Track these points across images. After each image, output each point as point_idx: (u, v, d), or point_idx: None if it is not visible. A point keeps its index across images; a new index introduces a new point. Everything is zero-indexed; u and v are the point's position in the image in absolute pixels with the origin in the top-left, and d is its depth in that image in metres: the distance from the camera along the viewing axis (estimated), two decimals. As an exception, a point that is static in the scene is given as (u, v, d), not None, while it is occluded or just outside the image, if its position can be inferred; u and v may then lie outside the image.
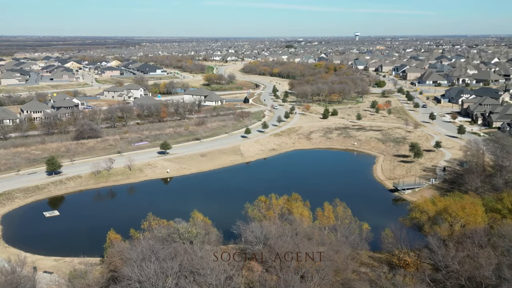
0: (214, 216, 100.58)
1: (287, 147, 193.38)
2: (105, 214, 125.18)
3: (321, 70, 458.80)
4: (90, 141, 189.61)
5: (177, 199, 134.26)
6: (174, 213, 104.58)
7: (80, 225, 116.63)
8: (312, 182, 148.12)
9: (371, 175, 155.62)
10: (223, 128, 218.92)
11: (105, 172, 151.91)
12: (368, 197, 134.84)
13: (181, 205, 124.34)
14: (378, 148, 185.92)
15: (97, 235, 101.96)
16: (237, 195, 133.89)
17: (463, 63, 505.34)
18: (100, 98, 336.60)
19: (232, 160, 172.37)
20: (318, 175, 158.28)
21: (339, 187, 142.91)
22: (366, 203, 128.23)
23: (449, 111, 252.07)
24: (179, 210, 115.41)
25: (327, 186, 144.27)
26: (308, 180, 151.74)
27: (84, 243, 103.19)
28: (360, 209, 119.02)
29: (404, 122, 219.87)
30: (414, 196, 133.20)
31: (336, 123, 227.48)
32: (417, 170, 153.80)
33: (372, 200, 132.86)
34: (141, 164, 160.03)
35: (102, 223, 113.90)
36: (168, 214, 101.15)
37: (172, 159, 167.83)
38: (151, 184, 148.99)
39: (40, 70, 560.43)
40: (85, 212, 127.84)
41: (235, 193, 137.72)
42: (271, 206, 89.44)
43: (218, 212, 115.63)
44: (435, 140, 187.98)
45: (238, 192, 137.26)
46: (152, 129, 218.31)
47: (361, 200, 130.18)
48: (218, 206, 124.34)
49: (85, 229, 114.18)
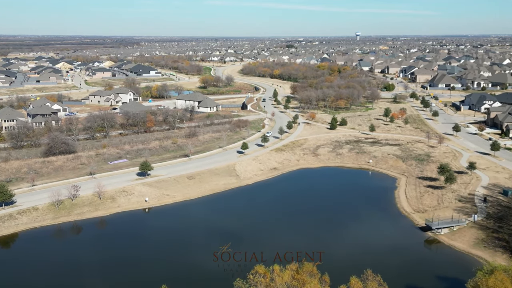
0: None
1: (291, 165, 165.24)
2: (48, 271, 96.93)
3: (324, 72, 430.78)
4: (59, 159, 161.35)
5: (145, 254, 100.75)
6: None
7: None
8: (322, 217, 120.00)
9: (395, 205, 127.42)
10: (217, 141, 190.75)
11: (68, 202, 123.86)
12: (397, 242, 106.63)
13: (147, 269, 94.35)
14: (398, 168, 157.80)
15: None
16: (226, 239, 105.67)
17: (474, 65, 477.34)
18: (85, 103, 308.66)
19: (226, 184, 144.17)
20: (329, 206, 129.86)
21: (358, 225, 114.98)
22: (396, 251, 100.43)
23: (472, 120, 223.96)
24: (142, 277, 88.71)
25: (343, 225, 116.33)
26: (317, 213, 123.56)
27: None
28: (391, 264, 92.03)
29: (425, 134, 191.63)
30: (453, 238, 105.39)
31: (346, 135, 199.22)
32: (450, 199, 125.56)
33: (403, 246, 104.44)
34: (114, 191, 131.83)
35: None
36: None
37: (153, 183, 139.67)
38: (122, 218, 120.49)
39: (28, 71, 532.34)
40: (20, 268, 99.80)
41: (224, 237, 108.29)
42: (273, 283, 61.11)
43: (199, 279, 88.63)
44: (465, 158, 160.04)
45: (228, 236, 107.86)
46: (136, 141, 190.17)
47: (388, 246, 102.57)
48: (199, 268, 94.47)
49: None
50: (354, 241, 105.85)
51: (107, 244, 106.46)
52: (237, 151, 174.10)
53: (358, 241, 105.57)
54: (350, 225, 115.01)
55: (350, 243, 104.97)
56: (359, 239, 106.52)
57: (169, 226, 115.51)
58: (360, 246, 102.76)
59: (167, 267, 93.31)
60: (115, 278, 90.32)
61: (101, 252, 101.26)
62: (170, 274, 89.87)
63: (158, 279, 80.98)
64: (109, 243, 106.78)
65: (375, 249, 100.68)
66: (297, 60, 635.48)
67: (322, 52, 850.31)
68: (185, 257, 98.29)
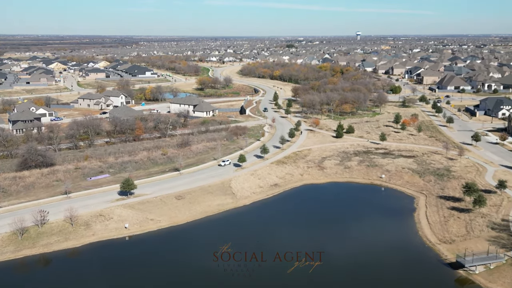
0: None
1: (294, 180, 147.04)
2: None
3: (326, 73, 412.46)
4: (33, 174, 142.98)
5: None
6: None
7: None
8: (332, 249, 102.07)
9: (416, 233, 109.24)
10: (211, 151, 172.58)
11: (34, 230, 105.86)
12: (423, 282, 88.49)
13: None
14: (415, 185, 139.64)
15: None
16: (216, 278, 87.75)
17: (481, 65, 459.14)
18: (74, 107, 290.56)
19: (220, 205, 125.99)
20: (339, 233, 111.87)
21: (375, 259, 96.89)
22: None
23: (491, 127, 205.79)
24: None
25: (356, 258, 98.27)
26: (325, 243, 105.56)
27: None
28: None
29: (441, 144, 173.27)
30: (491, 279, 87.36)
31: (354, 144, 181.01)
32: (481, 227, 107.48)
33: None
34: (89, 215, 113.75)
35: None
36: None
37: (136, 204, 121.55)
38: (97, 250, 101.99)
39: (19, 72, 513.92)
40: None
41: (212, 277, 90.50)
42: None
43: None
44: (490, 174, 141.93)
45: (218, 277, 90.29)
46: (122, 152, 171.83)
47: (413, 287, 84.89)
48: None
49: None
50: (371, 280, 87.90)
51: (75, 284, 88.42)
52: (234, 164, 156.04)
53: (375, 281, 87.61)
54: (366, 259, 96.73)
55: (366, 280, 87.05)
56: (376, 278, 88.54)
57: (150, 260, 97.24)
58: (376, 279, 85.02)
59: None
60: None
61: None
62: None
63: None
64: (78, 284, 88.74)
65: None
66: (297, 61, 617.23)
67: (323, 52, 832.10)
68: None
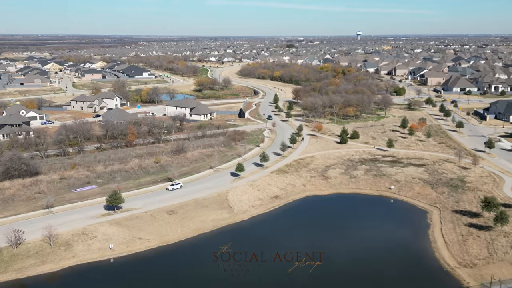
0: None
1: (296, 191, 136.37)
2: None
3: (328, 74, 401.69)
4: (14, 185, 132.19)
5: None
6: None
7: None
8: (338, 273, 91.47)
9: (431, 253, 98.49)
10: (208, 159, 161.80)
11: (8, 252, 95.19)
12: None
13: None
14: (427, 197, 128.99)
15: None
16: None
17: (486, 66, 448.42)
18: (66, 110, 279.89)
19: (215, 221, 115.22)
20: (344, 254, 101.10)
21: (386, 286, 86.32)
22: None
23: (503, 133, 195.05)
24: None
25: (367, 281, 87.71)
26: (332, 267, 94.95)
27: None
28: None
29: (452, 151, 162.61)
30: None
31: (360, 151, 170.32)
32: (505, 248, 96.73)
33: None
34: (71, 233, 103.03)
35: None
36: None
37: (124, 220, 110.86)
38: (77, 275, 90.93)
39: (14, 73, 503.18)
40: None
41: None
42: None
43: None
44: (508, 185, 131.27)
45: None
46: (113, 159, 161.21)
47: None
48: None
49: None
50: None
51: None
52: (231, 173, 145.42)
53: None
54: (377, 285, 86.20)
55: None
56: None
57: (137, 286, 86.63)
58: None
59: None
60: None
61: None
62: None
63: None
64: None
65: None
66: (298, 61, 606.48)
67: (324, 52, 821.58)
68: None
